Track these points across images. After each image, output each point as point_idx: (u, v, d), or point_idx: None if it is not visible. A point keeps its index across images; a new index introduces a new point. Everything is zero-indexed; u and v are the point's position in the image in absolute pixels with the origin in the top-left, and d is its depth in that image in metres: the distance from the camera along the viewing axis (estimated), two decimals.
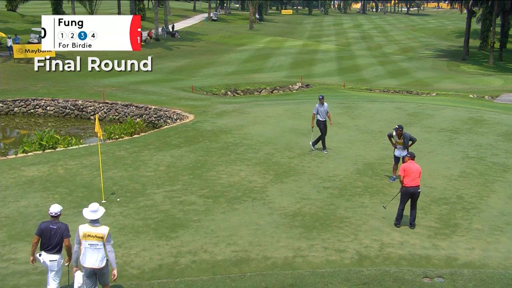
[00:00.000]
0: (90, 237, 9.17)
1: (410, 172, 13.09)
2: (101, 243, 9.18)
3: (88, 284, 9.41)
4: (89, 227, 9.25)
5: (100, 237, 9.18)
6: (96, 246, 9.17)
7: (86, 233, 9.19)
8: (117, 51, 55.65)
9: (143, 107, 33.93)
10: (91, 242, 9.17)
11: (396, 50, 79.66)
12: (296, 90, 46.73)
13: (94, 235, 9.16)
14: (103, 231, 9.23)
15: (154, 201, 15.15)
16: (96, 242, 9.17)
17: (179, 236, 12.61)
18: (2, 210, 14.41)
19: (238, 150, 20.97)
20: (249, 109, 30.39)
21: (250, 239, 12.44)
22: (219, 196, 15.50)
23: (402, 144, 16.84)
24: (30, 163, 19.36)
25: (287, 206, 14.60)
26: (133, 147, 21.66)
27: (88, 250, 9.20)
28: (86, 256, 9.22)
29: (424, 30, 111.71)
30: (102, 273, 9.35)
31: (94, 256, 9.19)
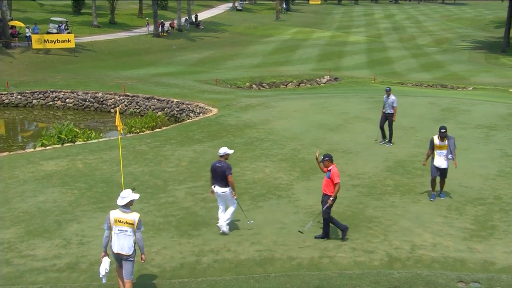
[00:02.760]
0: (120, 223, 9.46)
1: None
2: (131, 229, 9.45)
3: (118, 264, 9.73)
4: (120, 213, 9.53)
5: (130, 223, 9.46)
6: (126, 233, 9.44)
7: (117, 218, 9.48)
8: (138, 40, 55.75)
9: (165, 100, 34.14)
10: (121, 228, 9.46)
11: (430, 42, 78.73)
12: (324, 84, 46.51)
13: (125, 221, 9.45)
14: (134, 218, 9.50)
15: (176, 197, 15.25)
16: (126, 228, 9.45)
17: (201, 234, 12.67)
18: (20, 205, 14.67)
19: (263, 145, 20.97)
20: (275, 103, 30.35)
21: (275, 238, 12.44)
22: (243, 193, 15.52)
23: (446, 148, 15.05)
24: (48, 157, 19.65)
25: (314, 205, 14.56)
26: (154, 142, 21.83)
27: (117, 236, 9.48)
28: (115, 242, 9.50)
29: (460, 20, 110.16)
30: (128, 261, 9.59)
31: (123, 242, 9.46)
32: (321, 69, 51.87)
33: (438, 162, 15.03)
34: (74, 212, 14.11)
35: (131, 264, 9.62)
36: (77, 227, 13.06)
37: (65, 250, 11.81)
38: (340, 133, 23.22)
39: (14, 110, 36.12)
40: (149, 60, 52.72)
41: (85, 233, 12.69)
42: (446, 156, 15.02)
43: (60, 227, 13.11)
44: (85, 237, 12.48)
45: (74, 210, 14.26)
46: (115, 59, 52.34)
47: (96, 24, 67.17)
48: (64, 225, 13.23)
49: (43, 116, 35.52)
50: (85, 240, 12.28)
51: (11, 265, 11.19)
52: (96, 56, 52.90)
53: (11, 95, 37.23)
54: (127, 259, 9.54)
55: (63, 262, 11.24)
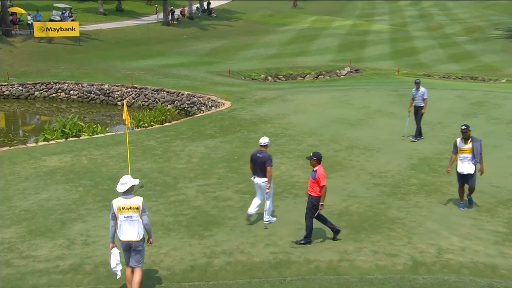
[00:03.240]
0: (125, 209, 9.74)
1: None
2: (137, 214, 9.77)
3: (127, 257, 9.99)
4: (122, 200, 9.81)
5: (135, 208, 9.75)
6: (132, 218, 9.75)
7: (120, 206, 9.76)
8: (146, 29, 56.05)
9: (175, 93, 34.25)
10: (127, 214, 9.74)
11: (459, 31, 78.00)
12: (344, 76, 46.37)
13: (129, 207, 9.73)
14: (137, 202, 9.80)
15: (186, 196, 15.31)
16: (132, 214, 9.75)
17: (213, 234, 12.71)
18: (21, 203, 14.81)
19: (278, 141, 20.97)
20: (292, 96, 30.31)
21: (292, 239, 12.44)
22: None
23: (471, 151, 14.17)
24: (51, 152, 19.81)
25: (333, 204, 14.54)
26: (163, 137, 21.91)
27: (124, 223, 9.77)
28: (123, 230, 9.79)
29: (494, 7, 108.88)
30: (138, 249, 9.87)
31: (131, 229, 9.77)
32: (341, 60, 51.70)
33: (461, 167, 14.26)
34: (78, 210, 14.21)
35: (140, 253, 9.95)
36: (81, 227, 13.15)
37: (69, 250, 11.89)
38: (361, 129, 23.14)
39: (15, 102, 36.44)
40: (158, 50, 52.88)
41: (90, 233, 12.77)
42: (470, 161, 14.13)
43: (63, 226, 13.21)
44: (90, 237, 12.57)
45: (78, 208, 14.36)
46: (122, 48, 52.57)
47: (102, 11, 67.48)
48: (68, 224, 13.33)
49: (46, 108, 35.80)
50: (90, 240, 12.37)
51: (12, 266, 11.27)
52: (102, 45, 53.17)
53: (12, 87, 37.53)
54: (137, 246, 9.83)
55: (66, 263, 11.32)
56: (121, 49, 52.39)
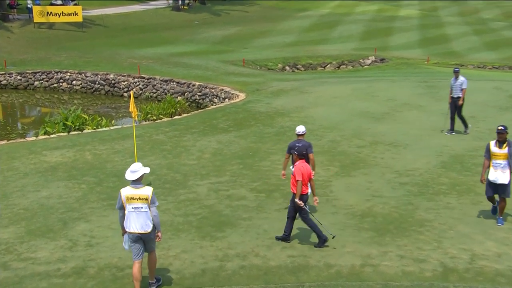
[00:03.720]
0: (133, 200, 9.91)
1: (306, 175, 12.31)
2: (146, 205, 9.95)
3: (135, 249, 10.17)
4: (131, 189, 9.97)
5: (144, 198, 9.92)
6: (141, 209, 9.94)
7: (129, 195, 9.92)
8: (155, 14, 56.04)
9: (186, 84, 34.34)
10: (135, 205, 9.92)
11: (497, 15, 77.27)
12: (368, 66, 46.19)
13: (138, 197, 9.90)
14: (147, 192, 9.96)
15: (197, 194, 15.35)
16: (140, 205, 9.92)
17: (226, 236, 12.73)
18: (20, 201, 14.91)
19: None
20: (311, 88, 30.25)
21: (310, 242, 12.44)
22: (274, 191, 15.56)
23: (506, 157, 13.15)
24: (53, 147, 19.94)
25: (355, 205, 14.51)
26: (173, 131, 21.98)
27: (132, 214, 9.95)
28: (131, 221, 9.98)
29: None
30: (149, 238, 10.13)
31: (139, 220, 9.96)
32: (365, 49, 51.49)
33: (493, 175, 13.24)
34: (81, 209, 14.29)
35: (152, 240, 10.26)
36: (85, 227, 13.21)
37: (71, 252, 11.95)
38: (386, 123, 23.06)
39: (13, 93, 36.72)
40: (168, 37, 53.04)
41: (94, 234, 12.83)
42: (505, 169, 13.11)
43: (65, 226, 13.28)
44: (94, 238, 12.62)
45: (81, 207, 14.44)
46: (129, 35, 52.79)
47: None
48: (70, 224, 13.40)
49: (46, 100, 36.04)
50: (94, 242, 12.42)
51: (9, 269, 11.30)
52: (107, 32, 53.42)
53: (10, 76, 37.79)
54: (148, 236, 10.09)
55: (68, 266, 11.38)
56: (128, 36, 52.61)
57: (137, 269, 10.18)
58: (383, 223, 13.47)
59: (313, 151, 13.68)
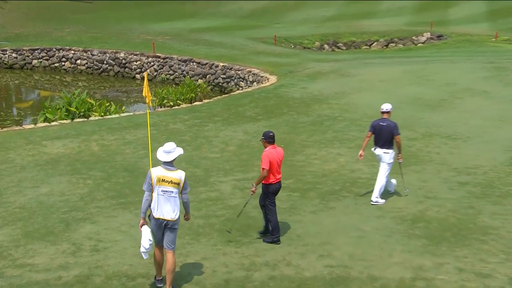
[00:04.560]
0: (164, 182, 10.30)
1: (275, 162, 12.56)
2: (176, 190, 10.39)
3: (157, 236, 10.57)
4: (163, 170, 10.38)
5: (176, 183, 10.34)
6: (171, 194, 10.35)
7: (160, 177, 10.31)
8: None
9: (208, 64, 34.42)
10: (165, 188, 10.32)
11: None
12: (422, 44, 45.85)
13: (170, 181, 10.31)
14: (180, 176, 10.39)
15: (221, 192, 15.40)
16: (171, 189, 10.33)
17: (253, 241, 12.76)
18: (16, 199, 15.04)
19: (336, 126, 20.91)
20: (354, 70, 30.11)
21: (351, 250, 12.41)
22: (309, 190, 15.57)
23: None
24: (54, 136, 20.14)
25: (404, 207, 14.44)
26: (193, 119, 22.05)
27: (160, 197, 10.34)
28: (158, 205, 10.36)
29: None
30: (173, 228, 10.48)
31: (167, 205, 10.36)
32: (419, 24, 51.05)
33: None
34: (87, 208, 14.40)
35: (174, 233, 10.56)
36: (90, 229, 13.30)
37: (75, 258, 12.03)
38: (443, 112, 22.88)
39: (8, 73, 37.09)
40: (187, 9, 53.19)
41: (101, 237, 12.91)
42: None
43: (68, 228, 13.38)
44: (100, 241, 12.71)
45: (87, 206, 14.56)
46: (142, 7, 53.02)
47: None
48: (74, 225, 13.51)
49: (47, 81, 36.35)
50: (101, 246, 12.50)
51: (3, 277, 11.35)
52: (117, 3, 53.68)
53: (3, 53, 38.10)
54: (172, 225, 10.44)
55: (71, 274, 11.47)
56: (141, 8, 52.82)
57: (158, 252, 10.65)
58: (439, 229, 13.38)
59: (399, 133, 14.62)
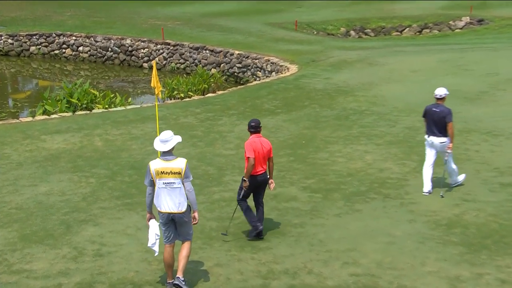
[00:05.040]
0: (164, 174, 10.49)
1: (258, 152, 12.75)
2: (179, 180, 10.54)
3: (166, 233, 10.79)
4: (161, 162, 10.55)
5: (176, 172, 10.49)
6: (173, 185, 10.52)
7: (159, 169, 10.48)
8: None
9: (222, 52, 34.42)
10: (167, 180, 10.49)
11: None
12: (460, 29, 45.65)
13: (169, 171, 10.47)
14: (180, 165, 10.52)
15: (235, 193, 15.29)
16: (173, 180, 10.50)
17: (271, 247, 12.73)
18: (12, 198, 15.11)
19: (363, 121, 20.86)
20: (383, 59, 30.03)
21: (379, 257, 12.35)
22: (333, 190, 15.52)
23: None
24: (53, 130, 20.22)
25: (439, 211, 14.35)
26: (205, 112, 22.06)
27: (163, 191, 10.55)
28: (161, 199, 10.59)
29: None
30: (183, 220, 10.69)
31: (171, 198, 10.55)
32: (457, 6, 50.78)
33: None
34: (89, 209, 14.44)
35: (187, 224, 10.78)
36: (93, 232, 13.33)
37: (76, 264, 12.06)
38: (483, 105, 22.77)
39: (3, 60, 37.24)
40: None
41: (104, 240, 12.93)
42: None
43: (69, 230, 13.42)
44: (104, 245, 12.72)
45: (89, 206, 14.59)
46: None
47: None
48: (75, 228, 13.54)
49: (46, 70, 36.51)
50: (105, 251, 12.51)
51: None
52: None
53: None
54: (182, 218, 10.65)
55: (72, 281, 11.50)
56: None
57: (168, 253, 10.68)
58: (478, 236, 13.30)
59: (452, 120, 14.82)
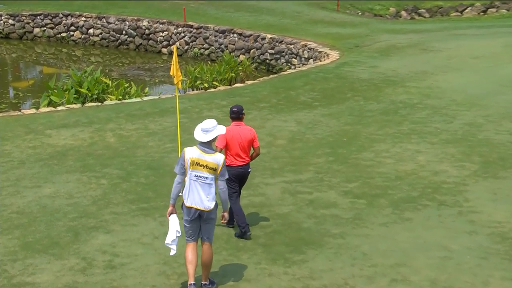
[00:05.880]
0: (199, 166, 10.83)
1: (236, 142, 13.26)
2: (212, 176, 10.91)
3: (190, 229, 11.04)
4: (198, 152, 10.91)
5: (212, 168, 10.85)
6: (206, 180, 10.87)
7: (195, 159, 10.84)
8: None
9: (252, 36, 34.46)
10: (200, 173, 10.84)
11: None
12: None
13: (205, 165, 10.83)
14: (218, 160, 10.94)
15: (266, 198, 15.46)
16: (206, 175, 10.85)
17: (307, 260, 12.75)
18: (13, 201, 15.21)
19: (415, 116, 20.83)
20: (439, 44, 29.91)
21: (433, 275, 12.32)
22: (379, 196, 15.53)
23: None
24: (60, 124, 20.40)
25: (505, 222, 14.26)
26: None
27: (193, 184, 10.89)
28: (190, 192, 10.91)
29: None
30: (209, 218, 11.00)
31: (201, 193, 10.86)
32: None
33: None
34: (100, 215, 14.53)
35: (211, 224, 11.12)
36: (104, 240, 13.40)
37: (85, 276, 12.12)
38: None
39: (3, 44, 37.51)
40: None
41: (117, 250, 12.99)
42: None
43: (77, 238, 13.49)
44: (117, 256, 12.78)
45: (100, 211, 14.69)
46: None
47: None
48: (84, 235, 13.62)
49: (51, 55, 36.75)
50: (117, 262, 12.56)
51: None
52: None
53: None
54: (208, 216, 10.92)
55: None
56: None
57: (191, 251, 10.91)
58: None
59: None
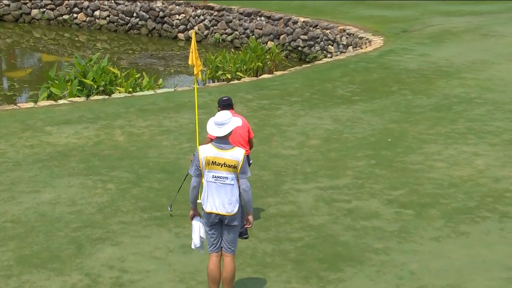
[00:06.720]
0: (215, 165, 10.76)
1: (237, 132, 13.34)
2: (233, 175, 10.81)
3: (212, 239, 11.09)
4: (214, 149, 10.82)
5: (231, 165, 10.75)
6: (225, 181, 10.79)
7: (210, 158, 10.77)
8: None
9: (282, 20, 34.49)
10: (218, 173, 10.78)
11: None
12: None
13: (223, 163, 10.74)
14: (237, 157, 10.80)
15: (298, 206, 15.44)
16: (225, 174, 10.77)
17: (345, 279, 12.76)
18: (7, 208, 15.27)
19: (472, 112, 20.78)
20: (503, 28, 29.87)
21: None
22: (429, 206, 15.50)
23: None
24: (61, 120, 20.50)
25: None
26: (259, 99, 22.17)
27: (211, 185, 10.84)
28: (208, 195, 10.88)
29: None
30: (232, 224, 10.93)
31: (220, 196, 10.80)
32: None
33: None
34: (107, 224, 14.58)
35: (234, 231, 11.06)
36: (112, 253, 13.44)
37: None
38: None
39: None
40: None
41: (126, 265, 13.01)
42: None
43: (80, 251, 13.54)
44: (126, 272, 12.80)
45: (107, 221, 14.74)
46: None
47: None
48: (88, 247, 13.68)
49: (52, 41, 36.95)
50: (126, 279, 12.59)
51: None
52: None
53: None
54: (229, 222, 10.86)
55: None
56: None
57: (214, 264, 10.91)
58: None
59: None
